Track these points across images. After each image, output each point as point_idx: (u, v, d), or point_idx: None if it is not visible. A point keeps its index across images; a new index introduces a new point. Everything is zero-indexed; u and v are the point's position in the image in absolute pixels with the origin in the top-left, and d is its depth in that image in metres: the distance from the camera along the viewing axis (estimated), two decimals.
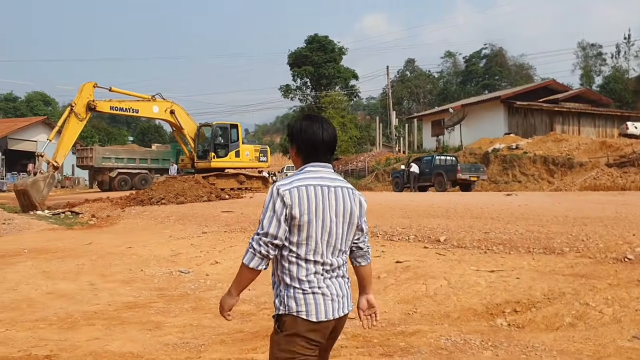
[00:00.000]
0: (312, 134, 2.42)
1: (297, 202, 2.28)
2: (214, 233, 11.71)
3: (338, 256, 2.39)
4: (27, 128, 45.41)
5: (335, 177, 2.44)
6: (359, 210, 2.46)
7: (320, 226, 2.31)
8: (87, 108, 20.92)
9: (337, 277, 2.39)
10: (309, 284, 2.30)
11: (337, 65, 53.27)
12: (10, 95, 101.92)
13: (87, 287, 7.09)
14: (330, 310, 2.32)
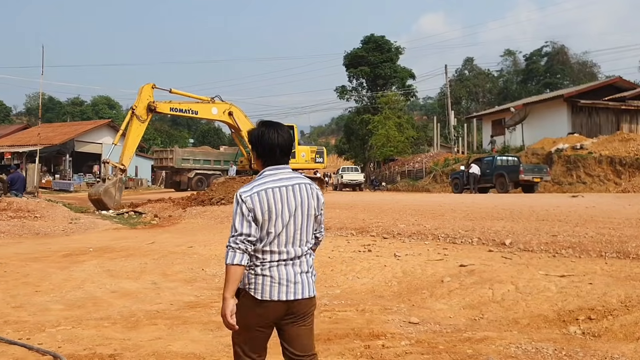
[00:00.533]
0: (268, 139, 2.75)
1: (258, 205, 2.63)
2: None
3: (299, 246, 2.71)
4: (93, 131, 47.24)
5: (292, 176, 2.77)
6: (316, 203, 2.79)
7: (280, 222, 2.65)
8: (147, 109, 21.41)
9: (293, 266, 2.70)
10: (261, 267, 2.65)
11: (393, 65, 52.73)
12: (77, 99, 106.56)
13: (149, 286, 7.20)
14: (275, 292, 2.64)
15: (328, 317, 5.52)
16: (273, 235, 2.65)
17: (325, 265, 8.07)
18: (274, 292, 2.65)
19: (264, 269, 2.66)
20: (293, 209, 2.69)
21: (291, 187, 2.72)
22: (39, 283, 7.42)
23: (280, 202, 2.66)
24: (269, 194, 2.65)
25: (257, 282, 2.66)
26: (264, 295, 2.65)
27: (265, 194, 2.65)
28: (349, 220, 12.10)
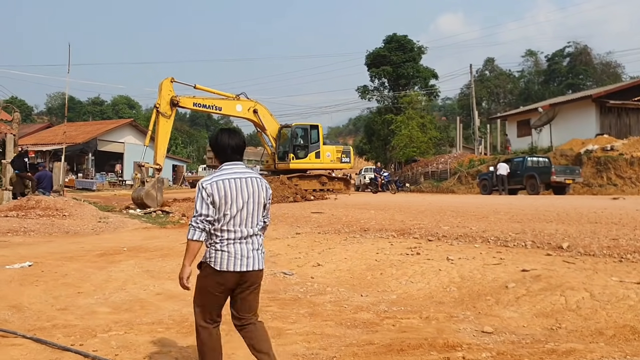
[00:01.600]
0: (221, 141, 3.39)
1: (216, 192, 3.24)
2: (307, 234, 11.40)
3: (250, 227, 3.32)
4: (115, 130, 47.37)
5: (245, 171, 3.39)
6: (265, 193, 3.44)
7: (235, 207, 3.25)
8: (170, 104, 21.09)
9: (245, 244, 3.31)
10: (220, 244, 3.27)
11: (416, 65, 52.17)
12: (97, 99, 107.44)
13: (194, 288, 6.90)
14: (231, 264, 3.25)
15: (392, 325, 5.16)
16: (229, 217, 3.26)
17: (373, 269, 7.72)
18: (230, 264, 3.27)
19: (222, 246, 3.28)
20: (246, 197, 3.33)
21: (244, 179, 3.36)
22: (80, 284, 7.16)
23: (235, 190, 3.29)
24: (226, 184, 3.28)
25: (216, 256, 3.30)
26: (222, 267, 3.27)
27: (222, 183, 3.28)
28: (386, 221, 11.73)
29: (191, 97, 22.12)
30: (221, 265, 3.29)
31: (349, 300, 6.20)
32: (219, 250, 3.29)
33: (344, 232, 11.02)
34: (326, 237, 10.78)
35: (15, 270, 8.20)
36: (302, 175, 23.99)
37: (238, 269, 3.29)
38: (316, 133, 24.99)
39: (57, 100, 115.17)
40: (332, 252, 9.18)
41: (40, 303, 5.99)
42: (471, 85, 45.86)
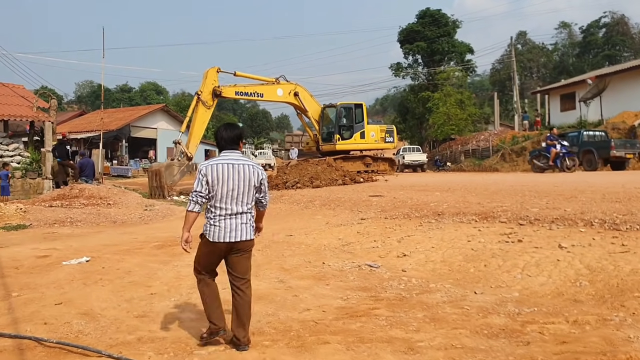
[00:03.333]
0: (221, 134, 4.16)
1: (210, 173, 4.00)
2: (373, 219, 10.53)
3: (240, 206, 4.03)
4: (147, 116, 46.99)
5: (239, 158, 4.10)
6: (255, 178, 4.09)
7: (225, 187, 3.97)
8: (213, 94, 20.45)
9: (234, 219, 4.02)
10: (213, 220, 4.02)
11: (451, 40, 50.43)
12: (125, 86, 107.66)
13: (279, 286, 6.10)
14: (221, 236, 4.00)
15: (539, 333, 4.26)
16: (219, 195, 3.94)
17: (473, 259, 6.81)
18: (221, 237, 3.98)
19: (214, 222, 3.99)
20: (237, 180, 3.98)
21: (237, 165, 4.02)
22: (149, 282, 6.42)
23: (226, 173, 3.96)
24: (219, 167, 3.97)
25: (210, 230, 4.01)
26: (214, 239, 3.99)
27: (216, 167, 3.97)
28: (459, 204, 10.77)
29: (233, 86, 21.40)
30: (213, 237, 4.02)
31: (466, 300, 5.31)
32: (212, 225, 4.01)
33: (415, 217, 10.11)
34: (397, 222, 9.89)
35: (73, 267, 7.53)
36: (346, 156, 23.05)
37: (228, 240, 4.00)
38: (360, 112, 23.98)
39: (86, 88, 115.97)
40: (413, 240, 8.30)
41: (113, 308, 5.25)
42: (512, 58, 44.04)
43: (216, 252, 4.09)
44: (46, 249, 9.50)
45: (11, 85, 23.33)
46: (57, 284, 6.40)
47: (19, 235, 11.96)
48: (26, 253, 9.04)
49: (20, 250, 9.46)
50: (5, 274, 7.15)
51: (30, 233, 12.18)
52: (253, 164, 4.14)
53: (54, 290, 6.09)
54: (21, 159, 20.97)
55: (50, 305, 5.35)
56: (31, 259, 8.33)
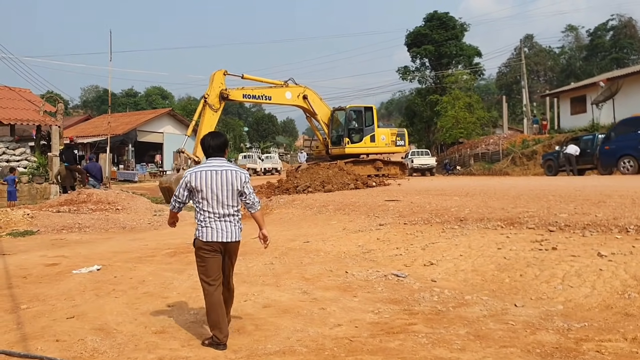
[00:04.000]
0: (206, 143, 4.45)
1: (193, 180, 4.30)
2: (392, 225, 10.15)
3: (226, 209, 4.30)
4: (154, 120, 46.72)
5: (223, 164, 4.37)
6: (238, 182, 4.35)
7: (210, 192, 4.26)
8: (220, 97, 20.11)
9: (224, 221, 4.31)
10: (204, 222, 4.32)
11: (459, 43, 50.09)
12: (131, 90, 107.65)
13: (303, 297, 5.74)
14: (215, 236, 4.26)
15: (598, 352, 3.88)
16: (206, 200, 4.28)
17: (507, 269, 6.43)
18: (213, 236, 4.28)
19: (206, 223, 4.31)
20: (220, 185, 4.28)
21: (220, 171, 4.32)
22: (164, 293, 6.07)
23: (210, 179, 4.28)
24: (202, 174, 4.30)
25: (202, 231, 4.32)
26: (207, 238, 4.28)
27: (200, 174, 4.31)
28: (482, 209, 10.38)
29: (240, 89, 21.04)
30: (206, 238, 4.26)
31: (508, 314, 4.94)
32: (203, 227, 4.29)
33: (437, 223, 9.72)
34: (418, 228, 9.51)
35: (84, 276, 7.20)
36: (356, 160, 22.67)
37: (219, 240, 4.25)
38: (371, 115, 23.58)
39: (92, 93, 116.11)
40: (438, 247, 7.92)
41: (129, 323, 4.90)
42: (522, 61, 43.57)
43: (214, 250, 4.30)
44: (55, 256, 9.18)
45: (18, 89, 23.11)
46: (67, 295, 6.06)
47: (26, 241, 11.65)
48: (34, 261, 8.72)
49: (28, 257, 9.15)
50: (13, 283, 6.82)
51: (38, 239, 11.87)
52: (236, 169, 4.44)
53: (65, 302, 5.75)
54: (28, 164, 20.72)
55: (61, 319, 5.01)
56: (39, 268, 8.01)
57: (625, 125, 21.15)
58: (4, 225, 12.97)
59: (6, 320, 5.04)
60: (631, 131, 20.23)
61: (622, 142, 20.29)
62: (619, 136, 20.82)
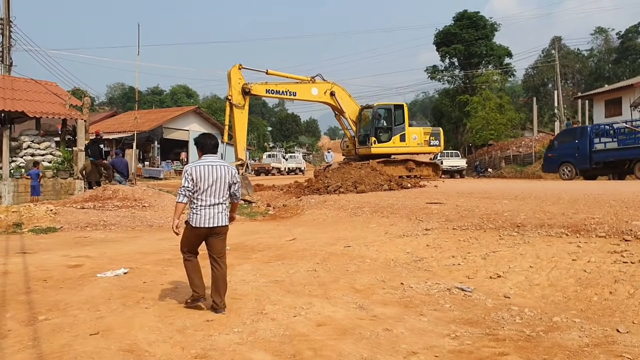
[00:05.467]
0: (204, 142, 5.18)
1: (194, 173, 4.97)
2: (440, 230, 9.31)
3: (217, 198, 5.04)
4: (180, 117, 46.36)
5: (217, 160, 5.14)
6: (229, 176, 5.12)
7: (206, 183, 4.97)
8: (242, 93, 19.45)
9: (213, 209, 5.02)
10: (196, 209, 5.01)
11: (489, 43, 48.87)
12: (156, 88, 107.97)
13: (362, 314, 4.95)
14: (202, 222, 4.99)
15: None
16: (201, 190, 4.97)
17: (590, 284, 5.57)
18: (201, 222, 5.00)
19: (197, 211, 5.01)
20: (214, 178, 5.02)
21: (214, 166, 5.06)
22: None
23: (206, 173, 5.00)
24: (201, 168, 5.00)
25: (193, 217, 5.02)
26: (195, 224, 5.01)
27: (199, 168, 5.00)
28: (539, 214, 9.47)
29: (263, 84, 20.33)
30: (196, 223, 5.03)
31: (615, 343, 4.10)
32: (194, 214, 5.03)
33: (491, 229, 8.86)
34: (470, 234, 8.66)
35: (110, 281, 6.51)
36: (386, 160, 21.77)
37: (207, 225, 5.02)
38: (401, 113, 22.63)
39: (117, 90, 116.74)
40: (501, 257, 7.07)
41: (163, 342, 4.17)
42: (555, 62, 42.25)
43: (198, 236, 5.09)
44: (78, 256, 8.54)
45: (44, 82, 22.70)
46: (91, 304, 5.37)
47: (48, 239, 11.07)
48: (55, 261, 8.09)
49: (49, 257, 8.52)
50: (32, 287, 6.16)
51: (61, 237, 11.29)
52: (227, 165, 5.18)
53: (88, 312, 5.05)
54: (53, 158, 20.27)
55: (84, 336, 4.30)
56: (61, 269, 7.35)
57: (566, 135, 23.55)
58: (27, 221, 12.43)
59: (21, 335, 4.36)
60: (570, 140, 22.31)
61: (562, 150, 22.44)
62: (560, 145, 22.93)
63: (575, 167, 21.92)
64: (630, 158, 20.21)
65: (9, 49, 24.69)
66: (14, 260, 8.17)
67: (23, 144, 19.96)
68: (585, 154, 21.35)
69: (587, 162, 21.36)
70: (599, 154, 21.15)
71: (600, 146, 21.13)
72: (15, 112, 19.27)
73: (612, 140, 21.04)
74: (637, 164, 19.87)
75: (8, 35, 24.64)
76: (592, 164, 21.31)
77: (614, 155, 20.78)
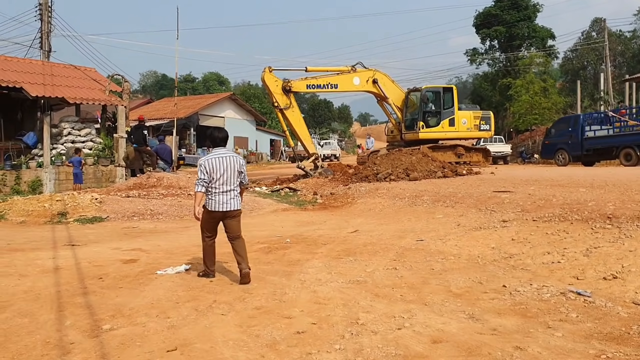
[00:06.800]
0: (214, 135, 5.85)
1: (208, 165, 5.62)
2: (520, 222, 8.44)
3: (229, 185, 5.68)
4: (215, 104, 45.98)
5: (227, 152, 5.79)
6: (238, 165, 5.76)
7: (219, 173, 5.62)
8: (284, 92, 18.96)
9: (226, 195, 5.69)
10: (211, 195, 5.67)
11: (531, 24, 47.04)
12: (189, 76, 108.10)
13: (478, 327, 4.17)
14: (217, 207, 5.68)
15: None
16: (215, 179, 5.61)
17: None
18: (217, 207, 5.68)
19: (212, 197, 5.67)
20: (225, 168, 5.65)
21: (225, 157, 5.71)
22: (283, 309, 4.64)
23: (218, 164, 5.64)
24: (214, 160, 5.66)
25: (210, 202, 5.70)
26: (212, 208, 5.70)
27: (212, 160, 5.66)
28: (630, 204, 8.50)
29: (303, 80, 19.78)
30: (212, 208, 5.70)
31: None
32: (210, 199, 5.69)
33: (578, 220, 7.95)
34: (557, 227, 7.78)
35: (172, 279, 5.88)
36: (434, 146, 20.83)
37: (222, 209, 5.69)
38: (450, 96, 21.58)
39: (150, 78, 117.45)
40: (607, 253, 6.20)
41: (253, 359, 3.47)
42: (605, 43, 40.38)
43: (215, 218, 5.76)
44: (130, 249, 7.97)
45: (83, 68, 22.35)
46: (158, 309, 4.73)
47: (95, 229, 10.58)
48: (108, 255, 7.52)
49: (100, 250, 7.97)
50: (88, 287, 5.56)
51: (109, 227, 10.79)
52: (236, 156, 5.82)
53: (158, 320, 4.40)
54: (93, 145, 19.89)
55: (160, 353, 3.64)
56: (116, 265, 6.77)
57: (562, 123, 24.76)
58: (72, 211, 11.98)
59: (87, 350, 3.72)
60: (565, 129, 23.53)
61: (558, 138, 23.69)
62: (556, 132, 24.14)
63: (569, 154, 23.06)
64: (617, 145, 21.20)
65: (48, 34, 24.39)
66: (63, 254, 7.64)
67: (63, 131, 19.61)
68: (578, 141, 22.50)
69: (579, 149, 22.49)
70: (589, 141, 22.24)
71: (590, 134, 22.24)
72: (55, 98, 18.93)
73: (601, 129, 22.21)
74: (622, 150, 20.83)
75: (47, 21, 24.33)
76: (583, 150, 22.42)
77: (603, 142, 21.88)
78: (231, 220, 5.76)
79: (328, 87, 20.70)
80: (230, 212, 5.71)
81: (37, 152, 19.12)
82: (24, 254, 7.65)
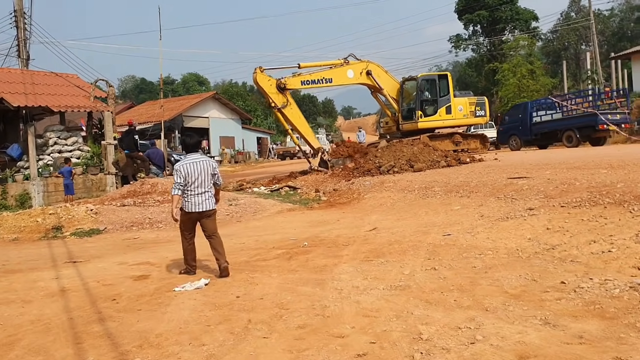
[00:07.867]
0: (187, 142, 6.44)
1: (184, 169, 6.06)
2: (548, 209, 8.00)
3: (204, 187, 6.13)
4: (199, 105, 45.10)
5: (200, 157, 6.25)
6: (211, 169, 6.21)
7: (194, 177, 6.05)
8: (278, 90, 18.33)
9: (201, 197, 6.12)
10: (187, 197, 6.10)
11: (514, 7, 46.80)
12: (168, 78, 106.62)
13: (560, 335, 3.68)
14: (193, 208, 6.11)
15: None
16: (190, 183, 6.04)
17: None
18: (192, 208, 6.11)
19: (188, 198, 6.11)
20: (200, 171, 6.10)
21: (199, 162, 6.15)
22: (330, 326, 4.12)
23: (193, 168, 6.07)
24: (188, 166, 6.08)
25: (186, 204, 6.13)
26: (188, 209, 6.13)
27: (187, 165, 6.08)
28: None
29: (297, 76, 19.13)
30: (188, 209, 6.14)
31: None
32: (186, 201, 6.13)
33: (610, 204, 7.53)
34: (591, 212, 7.33)
35: (194, 297, 5.33)
36: (431, 135, 20.37)
37: (197, 210, 6.13)
38: (445, 84, 21.09)
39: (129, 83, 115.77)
40: None
41: None
42: (591, 21, 40.16)
43: (191, 219, 6.24)
44: (138, 264, 7.40)
45: (65, 75, 21.51)
46: (189, 334, 4.18)
47: (95, 242, 9.97)
48: (115, 271, 6.94)
49: (106, 267, 7.39)
50: (103, 312, 4.99)
51: (108, 239, 10.18)
52: (208, 160, 6.32)
53: (192, 349, 3.85)
54: (81, 154, 19.14)
55: None
56: (127, 283, 6.20)
57: (516, 110, 26.16)
58: (67, 224, 11.34)
59: None
60: (516, 115, 25.04)
61: (511, 124, 25.18)
62: (510, 119, 25.71)
63: (520, 139, 24.50)
64: (560, 129, 22.84)
65: (26, 41, 23.51)
66: (66, 273, 7.05)
67: (49, 141, 18.83)
68: (527, 126, 24.01)
69: (529, 133, 24.03)
70: (537, 126, 23.75)
71: (537, 119, 23.75)
72: (39, 107, 18.15)
73: (546, 114, 23.72)
74: (564, 133, 22.56)
75: (23, 28, 23.45)
76: (532, 135, 23.99)
77: (548, 127, 23.42)
78: (207, 219, 6.23)
79: (323, 82, 20.10)
80: (206, 212, 6.18)
81: (22, 165, 18.34)
82: (23, 276, 7.05)
